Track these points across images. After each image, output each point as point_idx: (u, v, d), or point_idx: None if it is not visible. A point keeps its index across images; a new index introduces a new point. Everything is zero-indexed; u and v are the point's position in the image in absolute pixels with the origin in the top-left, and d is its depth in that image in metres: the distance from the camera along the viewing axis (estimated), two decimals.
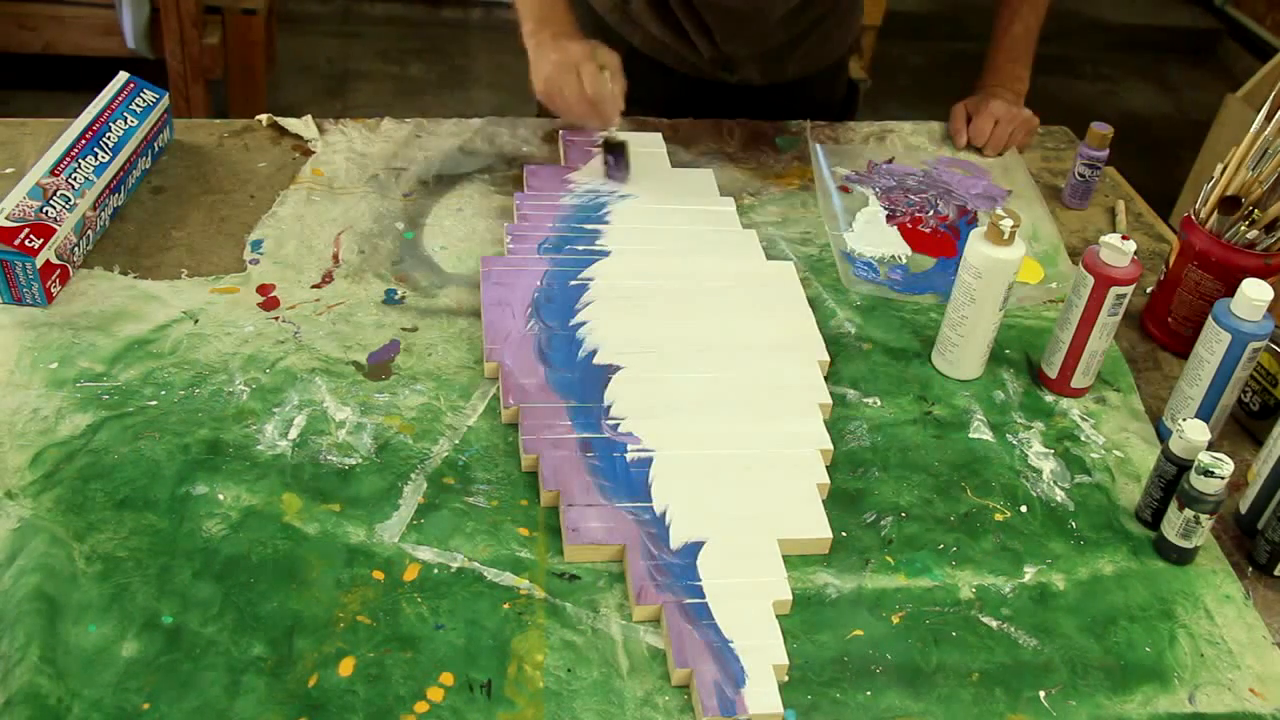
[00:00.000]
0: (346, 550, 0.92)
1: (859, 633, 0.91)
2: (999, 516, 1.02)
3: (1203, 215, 1.18)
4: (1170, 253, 1.23)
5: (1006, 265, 1.08)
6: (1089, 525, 1.02)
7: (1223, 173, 1.19)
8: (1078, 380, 1.14)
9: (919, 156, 1.50)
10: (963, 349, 1.13)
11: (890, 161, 1.48)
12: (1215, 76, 4.04)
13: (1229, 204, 1.16)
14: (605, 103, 1.27)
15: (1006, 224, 1.06)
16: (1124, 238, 1.07)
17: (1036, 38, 1.52)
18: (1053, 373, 1.14)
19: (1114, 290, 1.08)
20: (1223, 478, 0.94)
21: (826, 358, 1.14)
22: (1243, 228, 1.14)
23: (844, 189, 1.41)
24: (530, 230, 1.25)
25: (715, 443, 1.02)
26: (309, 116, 1.41)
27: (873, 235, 1.34)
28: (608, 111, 1.29)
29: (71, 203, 1.14)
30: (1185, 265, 1.18)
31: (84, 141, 1.20)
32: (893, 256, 1.31)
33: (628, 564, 0.91)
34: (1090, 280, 1.08)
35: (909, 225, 1.36)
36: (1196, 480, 0.95)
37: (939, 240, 1.35)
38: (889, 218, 1.37)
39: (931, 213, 1.39)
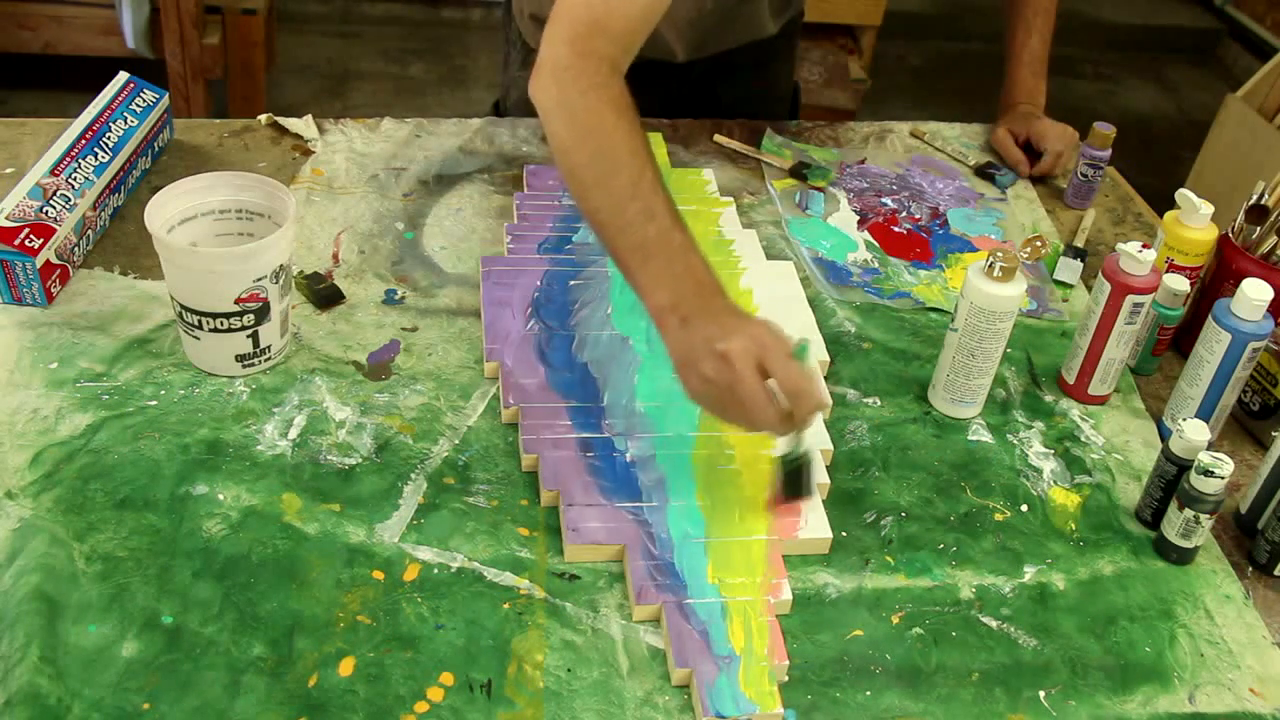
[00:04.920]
0: (346, 550, 0.92)
1: (859, 633, 0.91)
2: (999, 516, 1.02)
3: (1237, 227, 1.17)
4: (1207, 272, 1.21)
5: (1011, 301, 1.04)
6: (1089, 525, 1.02)
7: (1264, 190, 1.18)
8: (1095, 387, 1.13)
9: (891, 158, 1.49)
10: (969, 389, 1.10)
11: (863, 163, 1.48)
12: (1215, 76, 4.04)
13: (1256, 213, 1.16)
14: (808, 400, 0.88)
15: (1007, 264, 1.02)
16: (1144, 246, 1.06)
17: (1050, 46, 1.51)
18: (1070, 378, 1.14)
19: (1130, 299, 1.07)
20: (1223, 478, 0.94)
21: (826, 358, 1.14)
22: (1272, 238, 1.13)
23: (815, 189, 1.41)
24: (530, 230, 1.25)
25: (715, 442, 1.02)
26: (309, 116, 1.41)
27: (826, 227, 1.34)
28: (808, 410, 0.89)
29: (71, 203, 1.14)
30: (1222, 284, 1.16)
31: (84, 141, 1.20)
32: (865, 260, 1.31)
33: (628, 564, 0.91)
34: (1108, 288, 1.08)
35: (882, 223, 1.36)
36: (1196, 480, 0.95)
37: (911, 242, 1.34)
38: (860, 221, 1.36)
39: (904, 214, 1.38)
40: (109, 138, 1.23)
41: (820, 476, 0.95)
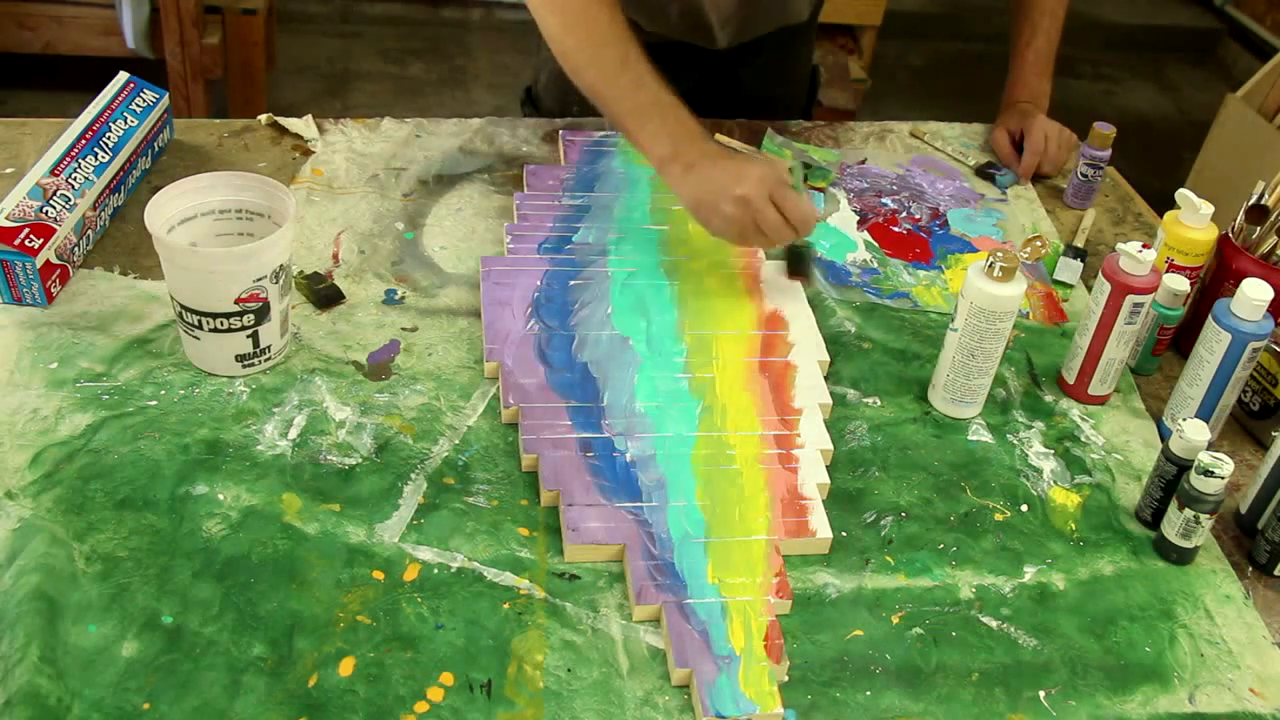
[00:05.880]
0: (346, 550, 0.92)
1: (859, 633, 0.91)
2: (999, 516, 1.02)
3: (1237, 227, 1.17)
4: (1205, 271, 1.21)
5: (1011, 301, 1.04)
6: (1089, 525, 1.02)
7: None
8: (1095, 387, 1.13)
9: (892, 158, 1.49)
10: (969, 389, 1.10)
11: (863, 163, 1.47)
12: (1215, 76, 4.03)
13: (1256, 213, 1.16)
14: (811, 222, 1.12)
15: (1007, 264, 1.02)
16: (1144, 246, 1.06)
17: (1056, 47, 1.50)
18: (1071, 378, 1.14)
19: (1130, 299, 1.07)
20: (1223, 478, 0.94)
21: (826, 358, 1.14)
22: (1272, 237, 1.13)
23: (816, 188, 1.40)
24: (530, 230, 1.25)
25: (715, 442, 1.02)
26: (309, 116, 1.41)
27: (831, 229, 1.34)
28: (811, 228, 1.14)
29: (71, 203, 1.14)
30: (1222, 284, 1.16)
31: (84, 141, 1.20)
32: (864, 260, 1.30)
33: (628, 564, 0.91)
34: (1108, 288, 1.08)
35: (882, 224, 1.36)
36: (1196, 480, 0.95)
37: (911, 242, 1.34)
38: (860, 222, 1.36)
39: (904, 215, 1.38)
40: (109, 138, 1.23)
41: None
